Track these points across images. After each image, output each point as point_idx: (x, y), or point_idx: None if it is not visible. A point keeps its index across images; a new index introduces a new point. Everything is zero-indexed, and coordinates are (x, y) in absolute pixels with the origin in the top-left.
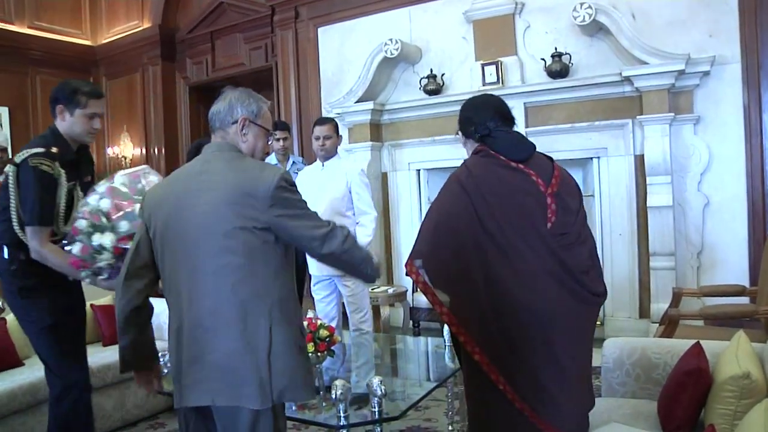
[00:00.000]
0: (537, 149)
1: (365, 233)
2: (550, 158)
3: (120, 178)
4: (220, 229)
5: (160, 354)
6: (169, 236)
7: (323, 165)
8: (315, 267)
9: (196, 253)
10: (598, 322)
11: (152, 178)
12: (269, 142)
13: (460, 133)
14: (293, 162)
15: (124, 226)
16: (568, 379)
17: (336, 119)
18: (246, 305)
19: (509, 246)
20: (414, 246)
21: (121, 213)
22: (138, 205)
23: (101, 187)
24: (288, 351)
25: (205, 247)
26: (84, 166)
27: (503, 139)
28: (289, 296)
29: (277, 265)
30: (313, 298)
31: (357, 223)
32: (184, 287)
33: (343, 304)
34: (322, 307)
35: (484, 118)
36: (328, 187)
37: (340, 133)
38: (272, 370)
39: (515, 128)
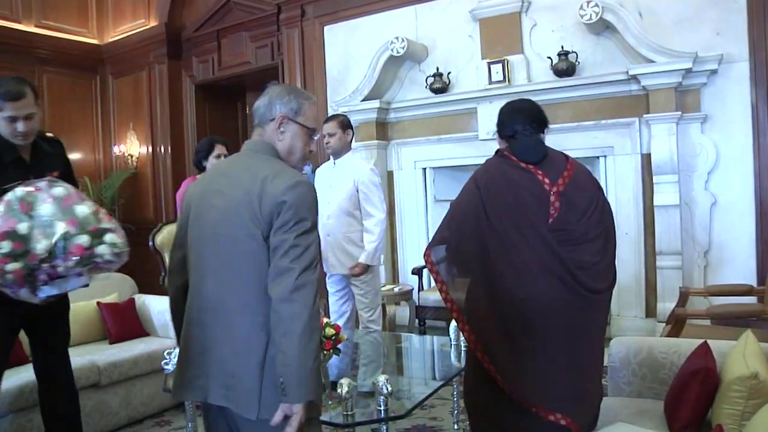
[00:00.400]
0: (554, 149)
1: (370, 240)
2: (567, 158)
3: (18, 192)
4: (228, 234)
5: (165, 352)
6: (192, 234)
7: (335, 163)
8: (327, 265)
9: (206, 254)
10: None
11: (51, 192)
12: (313, 140)
13: (497, 133)
14: None
15: (5, 246)
16: (560, 367)
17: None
18: (244, 313)
19: (509, 241)
20: (434, 235)
21: (4, 231)
22: (24, 224)
23: (8, 195)
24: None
25: (214, 250)
26: (47, 163)
27: (521, 143)
28: None
29: None
30: (327, 292)
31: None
32: (195, 285)
33: None
34: (334, 302)
35: (513, 122)
36: (337, 185)
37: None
38: (264, 383)
39: (547, 131)
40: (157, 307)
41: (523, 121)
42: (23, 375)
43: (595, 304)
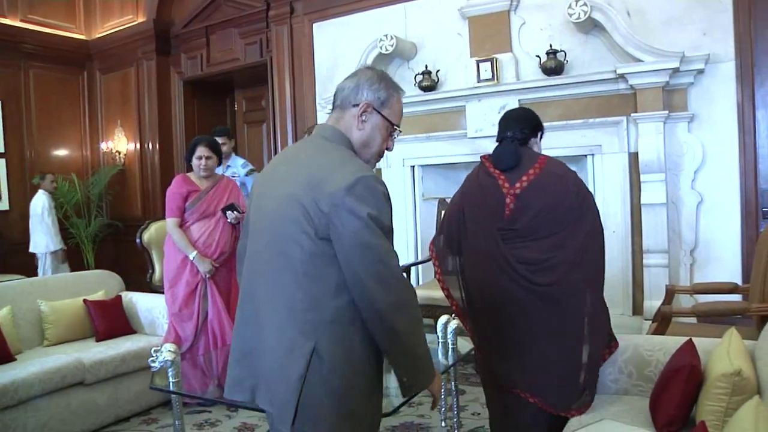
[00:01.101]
0: (535, 151)
1: None
2: (538, 161)
3: None
4: (281, 228)
5: (152, 350)
6: (251, 226)
7: None
8: None
9: (260, 248)
10: None
11: None
12: (393, 137)
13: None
14: (228, 166)
15: None
16: (513, 345)
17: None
18: (291, 316)
19: (473, 236)
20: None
21: None
22: None
23: None
24: (327, 386)
25: (267, 244)
26: None
27: (498, 149)
28: (347, 322)
29: (337, 282)
30: None
31: None
32: (247, 281)
33: None
34: None
35: (506, 128)
36: None
37: None
38: (302, 397)
39: (541, 135)
40: (144, 304)
41: (513, 128)
42: (8, 373)
43: (550, 297)
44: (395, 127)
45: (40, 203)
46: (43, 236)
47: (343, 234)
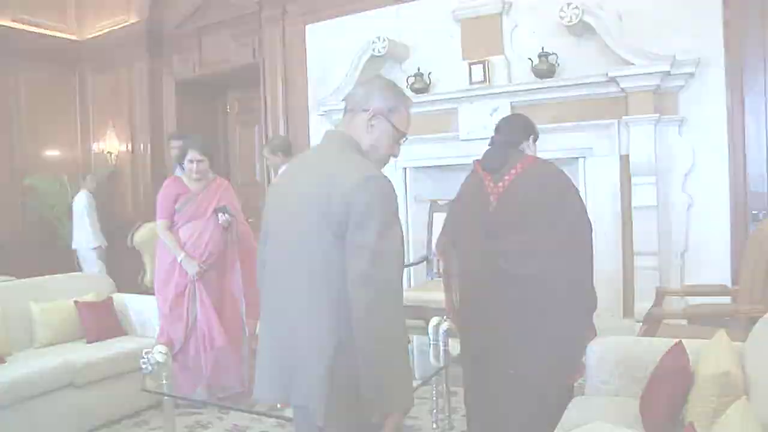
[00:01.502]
0: (523, 153)
1: None
2: (522, 162)
3: None
4: (299, 231)
5: (143, 351)
6: (270, 230)
7: None
8: None
9: (280, 252)
10: None
11: None
12: (400, 144)
13: None
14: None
15: None
16: (499, 336)
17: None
18: (314, 315)
19: (462, 231)
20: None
21: None
22: None
23: None
24: (351, 378)
25: (287, 247)
26: None
27: (486, 153)
28: None
29: None
30: None
31: None
32: (270, 284)
33: None
34: None
35: (497, 132)
36: None
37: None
38: (332, 390)
39: (533, 138)
40: (135, 305)
41: (505, 132)
42: None
43: (528, 285)
44: (401, 135)
45: (81, 202)
46: (84, 233)
47: (355, 229)
